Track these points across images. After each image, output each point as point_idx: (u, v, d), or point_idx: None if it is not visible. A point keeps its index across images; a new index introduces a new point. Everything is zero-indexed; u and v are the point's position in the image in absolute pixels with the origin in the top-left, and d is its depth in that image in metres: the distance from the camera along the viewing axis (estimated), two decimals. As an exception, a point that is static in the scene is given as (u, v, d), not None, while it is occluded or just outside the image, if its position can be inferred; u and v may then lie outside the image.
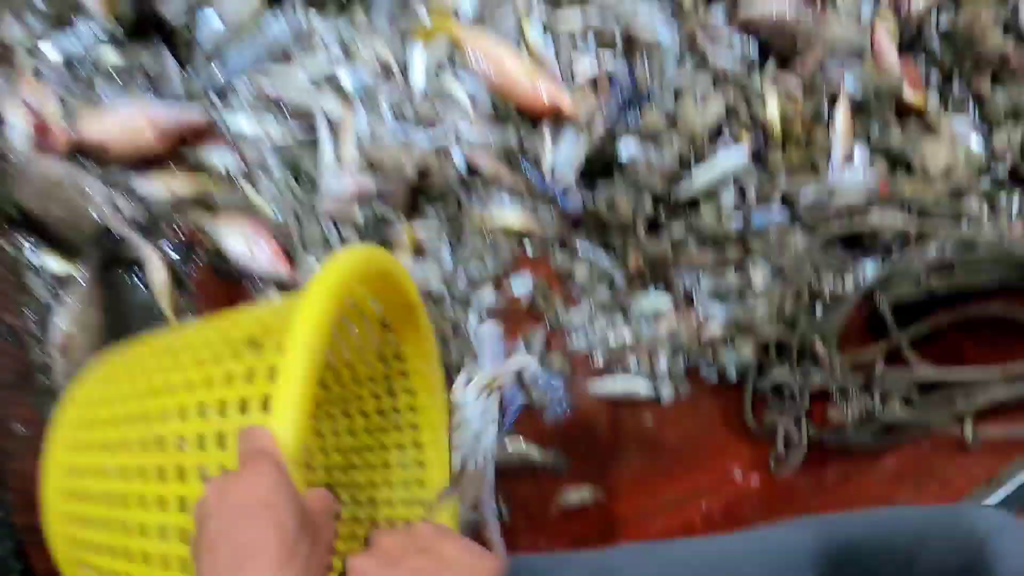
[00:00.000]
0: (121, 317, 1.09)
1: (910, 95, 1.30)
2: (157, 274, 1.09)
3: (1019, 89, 1.38)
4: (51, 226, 1.09)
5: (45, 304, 1.07)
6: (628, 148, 1.12)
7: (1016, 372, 1.13)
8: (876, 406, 1.14)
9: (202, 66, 1.18)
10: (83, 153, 1.13)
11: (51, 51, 1.18)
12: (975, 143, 1.35)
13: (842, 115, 1.24)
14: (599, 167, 1.13)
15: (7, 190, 1.08)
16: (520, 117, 1.15)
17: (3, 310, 1.06)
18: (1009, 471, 1.04)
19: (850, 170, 1.25)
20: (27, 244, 1.09)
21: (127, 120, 1.12)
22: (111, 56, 1.18)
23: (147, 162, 1.15)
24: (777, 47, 1.23)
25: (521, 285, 1.14)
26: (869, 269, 1.23)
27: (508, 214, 1.13)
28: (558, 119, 1.14)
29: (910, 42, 1.37)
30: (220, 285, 1.13)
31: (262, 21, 1.18)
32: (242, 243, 1.11)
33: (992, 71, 1.40)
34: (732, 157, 1.15)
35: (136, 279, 1.12)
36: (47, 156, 1.11)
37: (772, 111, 1.21)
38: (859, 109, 1.29)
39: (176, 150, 1.15)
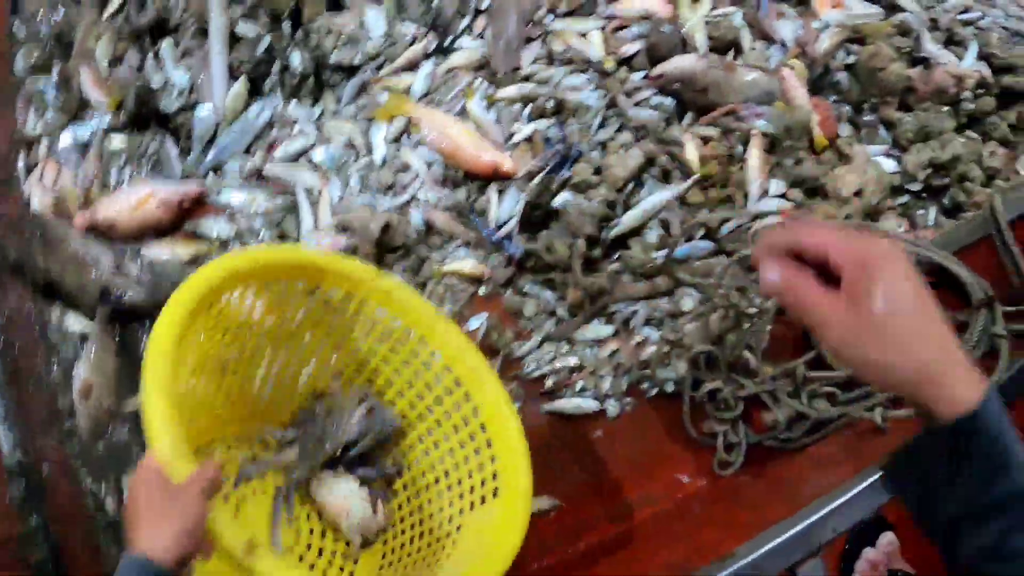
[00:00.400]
0: (134, 364, 1.26)
1: (818, 133, 1.46)
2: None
3: (926, 113, 1.54)
4: (68, 289, 1.28)
5: (67, 357, 1.27)
6: (562, 197, 1.29)
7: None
8: (805, 406, 1.29)
9: (198, 149, 1.39)
10: (97, 228, 1.33)
11: (67, 140, 1.40)
12: (888, 165, 1.51)
13: (755, 153, 1.41)
14: (539, 216, 1.31)
15: (33, 261, 1.28)
16: (468, 178, 1.33)
17: (33, 363, 1.25)
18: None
19: (767, 201, 1.42)
20: (51, 306, 1.29)
21: (134, 199, 1.33)
22: (118, 143, 1.40)
23: (154, 232, 1.34)
24: (691, 99, 1.41)
25: (477, 322, 1.31)
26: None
27: (462, 262, 1.31)
28: (501, 177, 1.32)
29: (819, 80, 1.54)
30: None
31: (248, 109, 1.39)
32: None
33: (899, 99, 1.57)
34: (655, 198, 1.32)
35: (144, 330, 1.29)
36: (65, 230, 1.31)
37: (691, 155, 1.39)
38: (774, 146, 1.45)
39: (178, 221, 1.35)
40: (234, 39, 1.42)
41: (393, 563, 1.11)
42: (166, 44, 1.42)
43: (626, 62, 1.44)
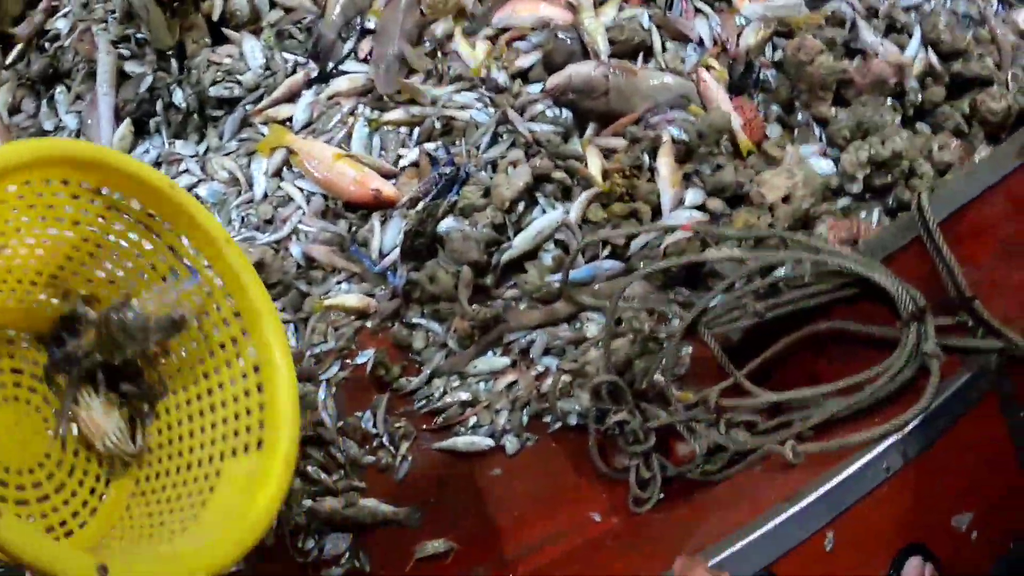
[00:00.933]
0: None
1: (742, 136, 1.35)
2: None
3: (863, 108, 1.41)
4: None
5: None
6: (447, 223, 1.23)
7: (846, 386, 1.15)
8: (723, 436, 1.18)
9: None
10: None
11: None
12: (824, 166, 1.39)
13: (665, 162, 1.31)
14: (423, 244, 1.24)
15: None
16: (349, 208, 1.28)
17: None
18: (808, 486, 1.05)
19: (680, 213, 1.32)
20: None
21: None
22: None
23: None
24: (589, 108, 1.32)
25: (364, 358, 1.25)
26: (716, 303, 1.27)
27: (345, 296, 1.26)
28: (384, 206, 1.26)
29: (742, 79, 1.43)
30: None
31: (134, 150, 1.37)
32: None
33: (835, 94, 1.44)
34: (547, 218, 1.24)
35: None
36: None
37: (594, 169, 1.30)
38: (690, 153, 1.35)
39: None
40: (126, 78, 1.40)
41: (146, 493, 1.04)
42: (60, 90, 1.42)
43: (523, 75, 1.36)
